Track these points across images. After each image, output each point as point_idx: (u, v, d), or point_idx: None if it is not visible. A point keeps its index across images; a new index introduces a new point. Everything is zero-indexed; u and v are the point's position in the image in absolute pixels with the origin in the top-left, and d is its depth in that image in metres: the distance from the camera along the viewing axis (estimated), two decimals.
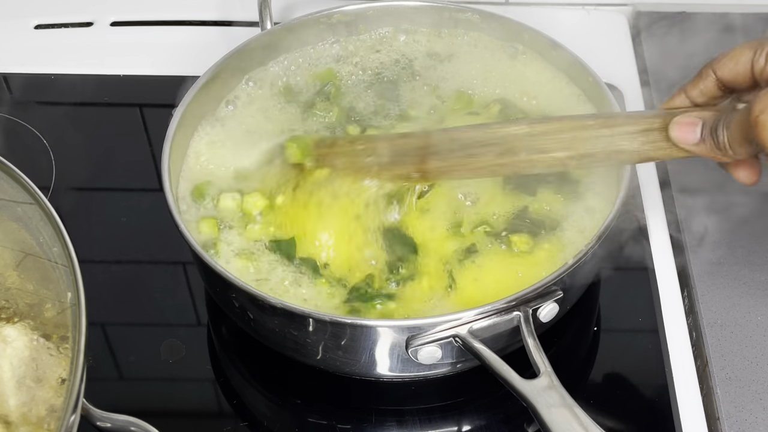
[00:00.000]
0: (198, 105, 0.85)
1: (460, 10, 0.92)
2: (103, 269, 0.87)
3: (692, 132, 0.63)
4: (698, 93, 0.66)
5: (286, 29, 0.91)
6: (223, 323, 0.83)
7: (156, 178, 0.84)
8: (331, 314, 0.71)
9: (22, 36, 1.09)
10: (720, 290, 0.82)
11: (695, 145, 0.63)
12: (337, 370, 0.75)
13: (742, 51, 0.64)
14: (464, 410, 0.77)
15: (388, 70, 0.92)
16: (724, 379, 0.77)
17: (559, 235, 0.77)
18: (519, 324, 0.68)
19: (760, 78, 0.63)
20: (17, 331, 0.64)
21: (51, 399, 0.61)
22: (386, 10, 0.93)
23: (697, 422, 0.74)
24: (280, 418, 0.79)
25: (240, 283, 0.70)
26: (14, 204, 0.69)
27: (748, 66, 0.63)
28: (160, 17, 1.10)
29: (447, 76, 0.91)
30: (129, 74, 1.04)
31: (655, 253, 0.85)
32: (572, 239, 0.77)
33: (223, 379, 0.80)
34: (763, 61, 0.62)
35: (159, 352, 0.80)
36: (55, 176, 0.93)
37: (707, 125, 0.62)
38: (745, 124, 0.58)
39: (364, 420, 0.77)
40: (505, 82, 0.89)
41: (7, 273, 0.68)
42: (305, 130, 0.86)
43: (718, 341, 0.79)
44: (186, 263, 0.87)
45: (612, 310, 0.83)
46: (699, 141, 0.63)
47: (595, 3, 1.10)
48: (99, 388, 0.73)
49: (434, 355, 0.69)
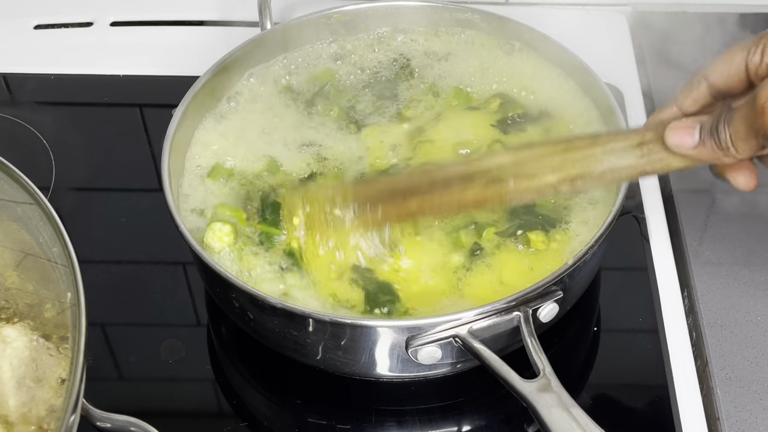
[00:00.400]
0: (198, 105, 0.85)
1: (459, 10, 0.92)
2: (103, 269, 0.87)
3: (690, 135, 0.61)
4: (690, 102, 0.64)
5: (286, 29, 0.91)
6: (223, 323, 0.83)
7: (156, 178, 0.84)
8: (331, 314, 0.71)
9: (22, 36, 1.09)
10: (720, 290, 0.82)
11: (694, 149, 0.61)
12: (337, 370, 0.75)
13: (734, 53, 0.62)
14: (464, 410, 0.77)
15: (387, 69, 0.92)
16: (724, 379, 0.77)
17: (565, 228, 0.77)
18: (519, 324, 0.68)
19: (755, 77, 0.61)
20: (17, 332, 0.64)
21: (51, 399, 0.61)
22: (385, 10, 0.93)
23: (697, 422, 0.74)
24: (280, 418, 0.79)
25: (240, 284, 0.70)
26: (14, 204, 0.69)
27: (742, 67, 0.62)
28: (160, 17, 1.10)
29: (445, 73, 0.91)
30: (129, 74, 1.04)
31: (655, 253, 0.85)
32: (577, 230, 0.77)
33: (223, 379, 0.80)
34: (758, 58, 0.60)
35: (159, 352, 0.80)
36: (55, 176, 0.93)
37: (705, 127, 0.60)
38: (750, 115, 0.57)
39: (364, 420, 0.77)
40: (503, 78, 0.90)
41: (7, 273, 0.68)
42: (305, 130, 0.87)
43: (718, 341, 0.79)
44: (186, 263, 0.87)
45: (612, 310, 0.83)
46: (698, 143, 0.61)
47: (595, 3, 1.10)
48: (99, 388, 0.73)
49: (434, 355, 0.69)
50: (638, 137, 0.64)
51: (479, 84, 0.90)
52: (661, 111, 0.66)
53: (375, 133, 0.86)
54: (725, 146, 0.59)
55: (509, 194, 0.67)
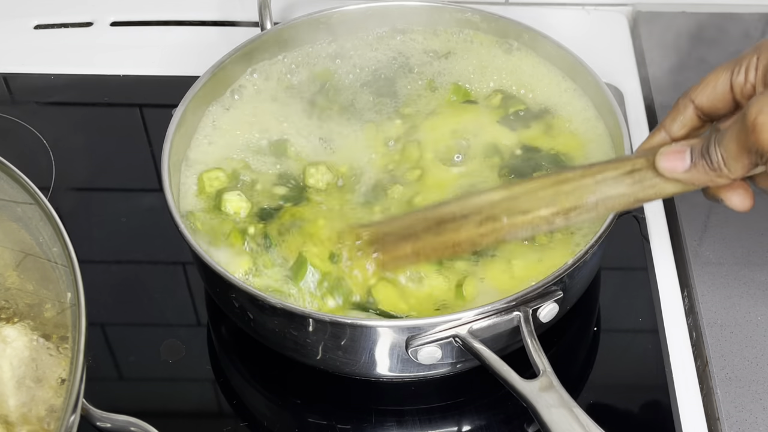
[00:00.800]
0: (198, 104, 0.85)
1: (459, 10, 0.92)
2: (103, 269, 0.87)
3: (681, 159, 0.61)
4: (678, 126, 0.64)
5: (286, 29, 0.91)
6: (223, 323, 0.83)
7: (156, 178, 0.84)
8: (331, 314, 0.71)
9: (22, 36, 1.09)
10: (720, 290, 0.82)
11: (686, 173, 0.61)
12: (337, 370, 0.75)
13: (718, 74, 0.62)
14: (464, 410, 0.77)
15: (386, 68, 0.92)
16: (724, 379, 0.77)
17: None
18: (519, 324, 0.68)
19: (741, 97, 0.61)
20: (17, 332, 0.64)
21: (51, 399, 0.61)
22: (385, 10, 0.93)
23: (697, 422, 0.74)
24: (280, 418, 0.79)
25: (240, 284, 0.70)
26: (14, 204, 0.69)
27: (727, 87, 0.61)
28: (160, 17, 1.10)
29: (444, 71, 0.91)
30: (129, 74, 1.04)
31: (655, 254, 0.85)
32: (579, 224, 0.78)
33: (223, 379, 0.80)
34: (743, 78, 0.60)
35: (159, 352, 0.80)
36: (55, 176, 0.93)
37: (696, 149, 0.60)
38: (741, 133, 0.56)
39: (364, 420, 0.77)
40: (502, 76, 0.90)
41: (7, 273, 0.68)
42: (305, 129, 0.87)
43: (718, 341, 0.79)
44: (186, 263, 0.87)
45: (612, 310, 0.83)
46: (690, 167, 0.60)
47: (595, 3, 1.10)
48: (99, 388, 0.73)
49: (434, 355, 0.69)
50: (629, 165, 0.63)
51: (478, 81, 0.90)
52: (650, 137, 0.66)
53: (373, 130, 0.86)
54: (717, 167, 0.59)
55: (503, 231, 0.67)
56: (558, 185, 0.65)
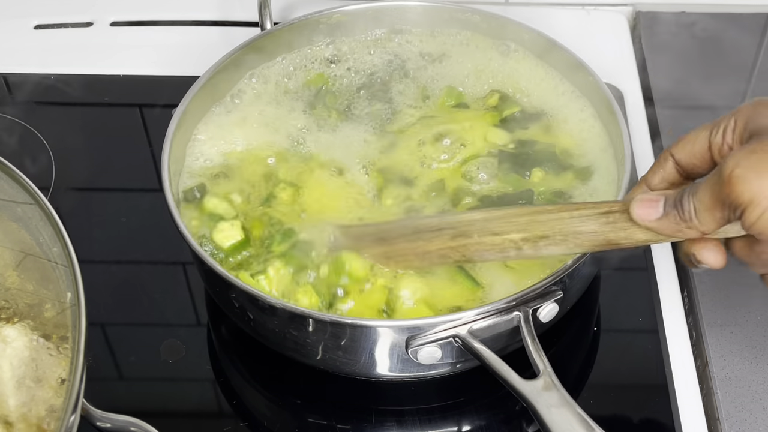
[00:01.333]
0: (198, 105, 0.85)
1: (459, 11, 0.92)
2: (103, 269, 0.87)
3: (654, 207, 0.61)
4: (659, 179, 0.65)
5: (285, 29, 0.91)
6: (223, 323, 0.83)
7: (156, 178, 0.84)
8: (331, 314, 0.71)
9: (22, 36, 1.09)
10: (720, 290, 0.82)
11: (658, 221, 0.61)
12: (337, 370, 0.75)
13: (698, 132, 0.63)
14: (464, 410, 0.77)
15: (382, 71, 0.92)
16: (724, 379, 0.77)
17: None
18: (519, 324, 0.68)
19: (718, 157, 0.61)
20: (17, 332, 0.64)
21: (51, 399, 0.61)
22: (385, 10, 0.93)
23: (697, 422, 0.74)
24: (280, 418, 0.79)
25: (240, 284, 0.70)
26: (14, 204, 0.69)
27: (706, 146, 0.62)
28: (160, 17, 1.10)
29: (438, 75, 0.91)
30: (129, 74, 1.04)
31: (655, 253, 0.85)
32: None
33: (223, 379, 0.80)
34: (720, 138, 0.61)
35: (159, 352, 0.80)
36: (55, 176, 0.93)
37: (669, 200, 0.60)
38: (716, 185, 0.56)
39: (364, 420, 0.77)
40: (498, 79, 0.90)
41: (7, 273, 0.68)
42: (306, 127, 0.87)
43: (718, 341, 0.79)
44: (186, 263, 0.87)
45: (612, 310, 0.83)
46: (661, 216, 0.60)
47: (595, 3, 1.10)
48: (99, 388, 0.73)
49: (434, 355, 0.69)
50: (606, 207, 0.65)
51: (473, 85, 0.90)
52: (632, 191, 0.67)
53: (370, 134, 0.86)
54: (688, 217, 0.59)
55: (473, 248, 0.70)
56: (534, 215, 0.67)
